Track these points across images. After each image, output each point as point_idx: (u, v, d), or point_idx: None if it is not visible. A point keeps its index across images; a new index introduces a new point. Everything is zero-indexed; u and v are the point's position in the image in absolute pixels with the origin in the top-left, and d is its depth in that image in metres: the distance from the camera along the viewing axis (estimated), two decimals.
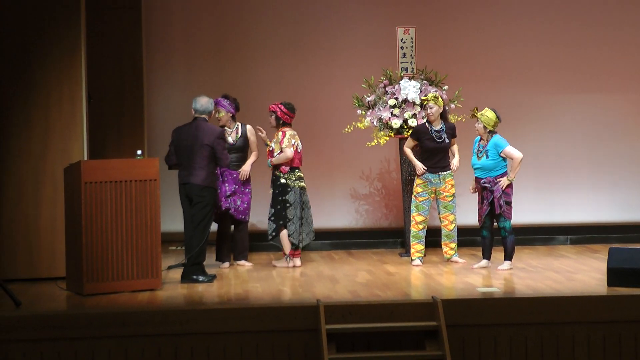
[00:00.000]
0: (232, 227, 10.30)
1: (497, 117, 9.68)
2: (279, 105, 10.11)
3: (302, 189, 10.14)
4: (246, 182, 10.17)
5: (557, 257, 10.66)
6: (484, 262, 9.86)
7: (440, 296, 7.91)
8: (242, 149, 10.16)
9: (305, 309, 7.76)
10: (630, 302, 7.95)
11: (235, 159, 10.09)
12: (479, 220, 9.77)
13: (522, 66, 12.32)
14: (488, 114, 9.66)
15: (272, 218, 10.09)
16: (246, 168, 10.15)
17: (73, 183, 8.68)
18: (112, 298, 8.37)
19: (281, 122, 10.09)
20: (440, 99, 10.07)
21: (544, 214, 12.28)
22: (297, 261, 10.20)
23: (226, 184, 10.03)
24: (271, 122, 10.15)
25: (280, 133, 10.10)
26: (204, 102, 9.36)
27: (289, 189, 10.05)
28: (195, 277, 9.14)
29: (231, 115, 10.16)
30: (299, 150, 10.13)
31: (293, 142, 10.06)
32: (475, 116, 9.71)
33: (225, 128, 10.13)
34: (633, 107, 12.43)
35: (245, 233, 10.31)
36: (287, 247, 10.12)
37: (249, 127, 10.25)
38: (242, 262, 10.30)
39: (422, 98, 10.37)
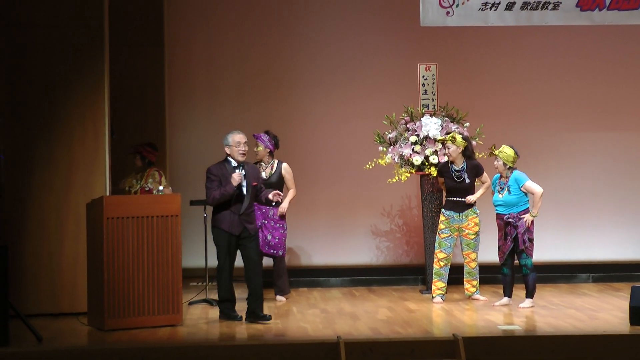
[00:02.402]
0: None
1: (516, 153, 9.68)
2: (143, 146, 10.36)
3: None
4: (280, 217, 10.22)
5: (579, 295, 10.59)
6: (505, 299, 9.81)
7: (461, 334, 7.87)
8: (275, 185, 10.11)
9: (325, 345, 7.73)
10: None
11: None
12: (500, 257, 9.72)
13: (544, 103, 12.32)
14: (507, 150, 9.67)
15: None
16: (284, 205, 10.23)
17: (95, 218, 8.72)
18: (133, 334, 8.38)
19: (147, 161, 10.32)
20: (458, 138, 10.04)
21: (565, 251, 12.23)
22: None
23: None
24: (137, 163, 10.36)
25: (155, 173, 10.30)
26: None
27: None
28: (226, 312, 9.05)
29: (269, 151, 10.24)
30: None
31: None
32: (494, 154, 9.71)
33: (261, 163, 10.26)
34: None
35: (280, 268, 10.35)
36: None
37: (284, 165, 10.32)
38: (278, 297, 10.34)
39: (438, 139, 10.36)
